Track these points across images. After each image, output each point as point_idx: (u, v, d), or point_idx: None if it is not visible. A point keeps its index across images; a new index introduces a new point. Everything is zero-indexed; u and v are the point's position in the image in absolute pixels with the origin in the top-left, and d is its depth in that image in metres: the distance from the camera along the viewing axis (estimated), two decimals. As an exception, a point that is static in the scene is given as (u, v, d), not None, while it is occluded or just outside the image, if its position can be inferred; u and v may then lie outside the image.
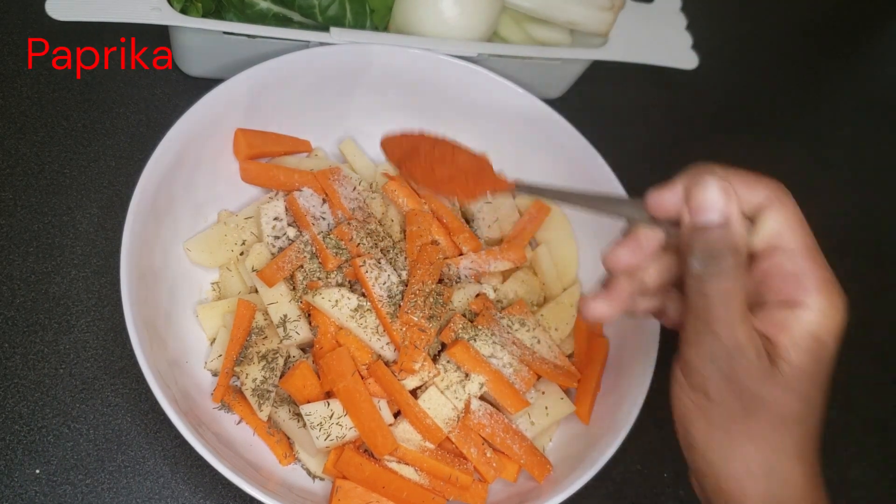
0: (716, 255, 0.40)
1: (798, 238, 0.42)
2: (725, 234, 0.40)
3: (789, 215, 0.42)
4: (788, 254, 0.41)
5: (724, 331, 0.40)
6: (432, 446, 0.64)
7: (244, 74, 0.69)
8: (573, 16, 0.83)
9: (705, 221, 0.41)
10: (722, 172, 0.42)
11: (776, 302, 0.42)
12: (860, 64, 1.19)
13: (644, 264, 0.46)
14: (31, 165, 0.74)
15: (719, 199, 0.40)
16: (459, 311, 0.69)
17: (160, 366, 0.59)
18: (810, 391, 0.41)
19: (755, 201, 0.42)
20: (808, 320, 0.40)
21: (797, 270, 0.41)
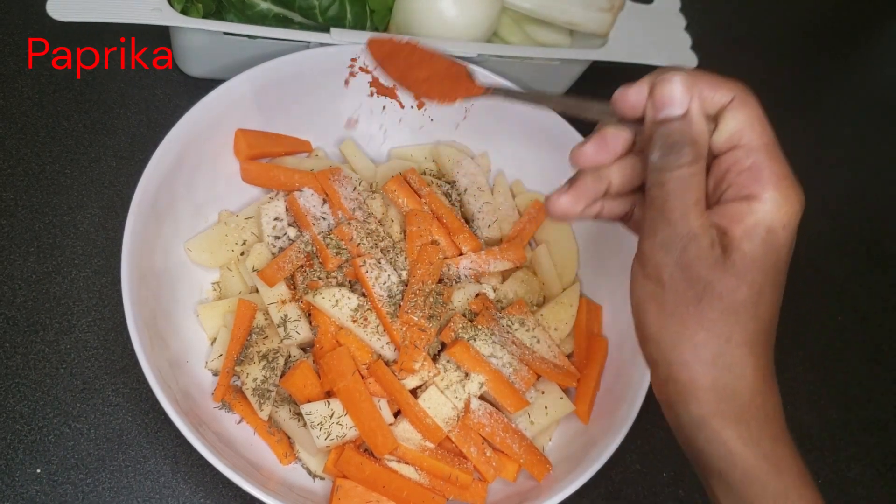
0: (675, 147, 0.42)
1: (757, 135, 0.43)
2: (685, 126, 0.42)
3: (750, 114, 0.43)
4: (747, 150, 0.43)
5: (678, 219, 0.42)
6: (432, 446, 0.64)
7: (245, 75, 0.70)
8: (573, 16, 0.83)
9: (666, 114, 0.42)
10: (687, 72, 0.43)
11: (733, 196, 0.43)
12: (860, 64, 1.19)
13: (609, 162, 0.46)
14: (32, 166, 0.74)
15: (681, 93, 0.42)
16: (459, 311, 0.69)
17: (161, 365, 0.59)
18: (761, 281, 0.42)
19: (719, 101, 0.43)
20: (761, 211, 0.41)
21: (754, 165, 0.42)
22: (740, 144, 0.43)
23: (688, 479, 0.75)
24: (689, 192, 0.42)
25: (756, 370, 0.43)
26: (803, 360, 0.85)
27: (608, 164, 0.46)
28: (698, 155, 0.42)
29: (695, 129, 0.42)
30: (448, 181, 0.78)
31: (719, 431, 0.43)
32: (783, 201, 0.42)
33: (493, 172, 0.82)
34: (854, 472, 0.80)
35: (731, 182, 0.43)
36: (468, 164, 0.78)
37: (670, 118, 0.42)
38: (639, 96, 0.44)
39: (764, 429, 0.43)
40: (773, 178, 0.42)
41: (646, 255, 0.43)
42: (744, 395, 0.43)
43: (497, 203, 0.78)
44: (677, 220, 0.42)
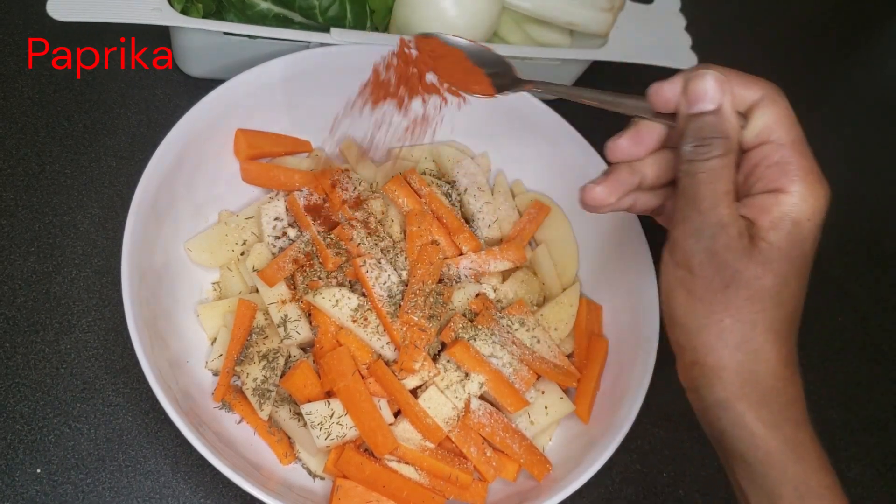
0: (706, 139, 0.44)
1: (786, 132, 0.45)
2: (716, 120, 0.44)
3: (780, 112, 0.45)
4: (776, 146, 0.44)
5: (708, 208, 0.43)
6: (432, 446, 0.64)
7: (245, 75, 0.70)
8: (573, 17, 0.83)
9: (699, 109, 0.44)
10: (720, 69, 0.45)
11: (761, 189, 0.45)
12: (860, 64, 1.19)
13: (643, 156, 0.48)
14: (32, 166, 0.74)
15: (714, 89, 0.44)
16: (459, 311, 0.69)
17: (161, 365, 0.59)
18: (787, 270, 0.43)
19: (750, 99, 0.45)
20: (788, 203, 0.44)
21: (782, 160, 0.44)
22: (769, 140, 0.44)
23: (688, 479, 0.75)
24: (719, 183, 0.43)
25: (779, 356, 0.44)
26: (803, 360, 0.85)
27: (642, 157, 0.48)
28: (729, 148, 0.44)
29: (726, 124, 0.44)
30: (448, 181, 0.78)
31: (742, 414, 0.44)
32: (809, 195, 0.44)
33: (493, 172, 0.82)
34: (854, 472, 0.80)
35: (760, 176, 0.45)
36: (468, 164, 0.78)
37: (703, 112, 0.44)
38: (673, 91, 0.46)
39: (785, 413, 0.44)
40: (801, 173, 0.44)
41: (676, 243, 0.45)
42: (767, 380, 0.44)
43: (497, 203, 0.78)
44: (707, 210, 0.43)
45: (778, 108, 0.45)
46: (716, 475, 0.75)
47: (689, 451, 0.76)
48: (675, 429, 0.77)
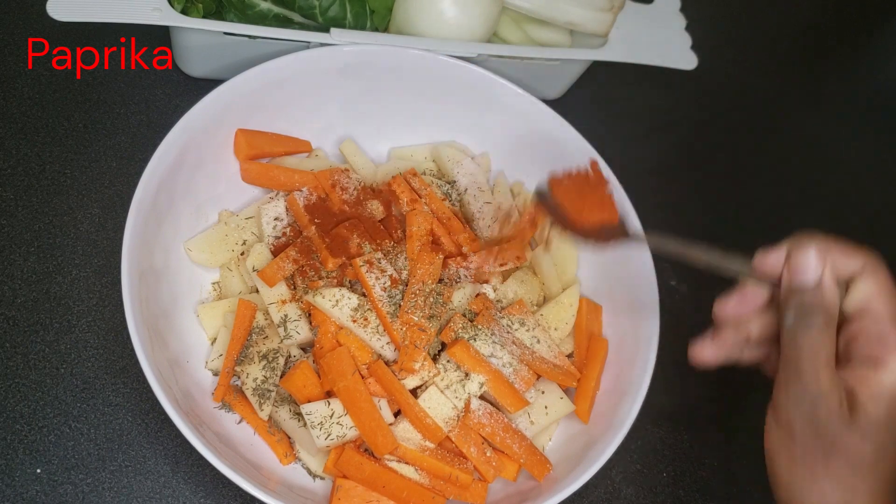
0: (807, 312, 0.47)
1: (886, 304, 0.47)
2: (817, 294, 0.47)
3: (880, 283, 0.47)
4: (875, 317, 0.47)
5: (809, 378, 0.46)
6: (432, 445, 0.64)
7: (245, 75, 0.70)
8: (573, 17, 0.83)
9: (801, 282, 0.47)
10: (822, 240, 0.48)
11: (861, 359, 0.47)
12: (860, 64, 1.19)
13: (749, 316, 0.52)
14: (32, 166, 0.74)
15: (815, 263, 0.47)
16: (459, 311, 0.69)
17: (161, 365, 0.59)
18: (886, 440, 0.45)
19: (851, 269, 0.48)
20: (886, 377, 0.45)
21: (881, 333, 0.46)
22: (869, 311, 0.47)
23: (688, 478, 0.75)
24: (820, 354, 0.46)
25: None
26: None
27: (747, 318, 0.52)
28: (829, 321, 0.47)
29: (826, 297, 0.47)
30: (448, 181, 0.78)
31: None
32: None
33: (493, 172, 0.82)
34: (854, 471, 0.80)
35: (861, 346, 0.47)
36: (468, 164, 0.78)
37: (805, 285, 0.47)
38: (777, 261, 0.49)
39: None
40: None
41: (779, 406, 0.48)
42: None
43: (497, 203, 0.78)
44: (808, 379, 0.46)
45: (878, 279, 0.47)
46: (716, 475, 0.75)
47: (689, 451, 0.76)
48: (675, 429, 0.77)
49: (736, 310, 0.52)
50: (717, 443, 0.77)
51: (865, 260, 0.48)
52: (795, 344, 0.47)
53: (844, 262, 0.48)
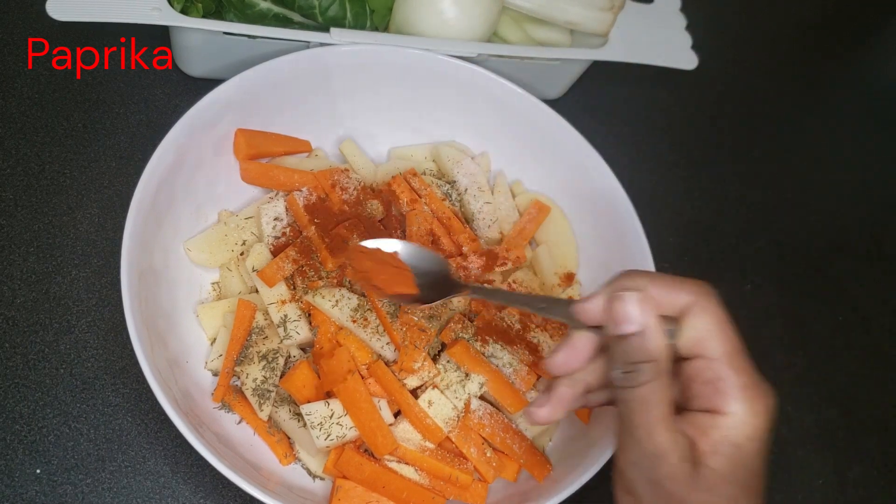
0: (634, 364, 0.42)
1: (718, 344, 0.42)
2: (642, 344, 0.42)
3: (710, 320, 0.43)
4: (708, 361, 0.42)
5: (644, 437, 0.42)
6: (432, 446, 0.64)
7: (244, 75, 0.69)
8: (573, 16, 0.83)
9: (623, 331, 0.43)
10: (642, 281, 0.43)
11: (699, 407, 0.43)
12: (860, 64, 1.19)
13: (583, 366, 0.47)
14: (32, 166, 0.74)
15: (636, 311, 0.42)
16: (459, 311, 0.69)
17: (160, 366, 0.59)
18: (734, 493, 0.41)
19: (680, 304, 0.43)
20: (726, 426, 0.41)
21: (715, 377, 0.42)
22: (702, 354, 0.43)
23: None
24: (653, 409, 0.42)
25: None
26: (803, 360, 0.85)
27: (581, 368, 0.47)
28: (658, 371, 0.42)
29: (652, 345, 0.42)
30: (448, 181, 0.78)
31: None
32: (748, 414, 0.41)
33: (493, 172, 0.82)
34: (854, 472, 0.80)
35: (697, 392, 0.43)
36: (468, 164, 0.78)
37: (627, 334, 0.42)
38: (595, 311, 0.45)
39: None
40: (736, 391, 0.42)
41: (620, 470, 0.44)
42: None
43: (497, 203, 0.78)
44: (643, 438, 0.42)
45: (708, 315, 0.42)
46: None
47: (689, 452, 0.76)
48: (676, 429, 0.77)
49: (567, 364, 0.48)
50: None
51: (694, 294, 0.43)
52: (625, 400, 0.43)
53: (671, 299, 0.43)
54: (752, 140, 1.03)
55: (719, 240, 0.92)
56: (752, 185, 0.98)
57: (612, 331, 0.44)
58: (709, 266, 0.90)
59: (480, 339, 0.67)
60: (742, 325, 0.73)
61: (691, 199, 0.94)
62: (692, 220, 0.92)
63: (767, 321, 0.87)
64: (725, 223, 0.94)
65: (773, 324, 0.87)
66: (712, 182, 0.97)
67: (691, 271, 0.87)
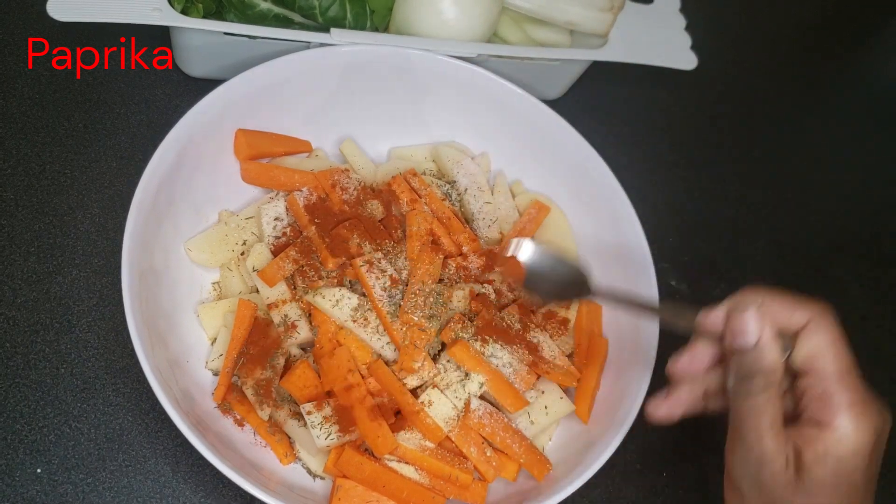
0: (748, 375, 0.46)
1: (832, 361, 0.45)
2: (757, 357, 0.46)
3: (826, 338, 0.46)
4: (821, 376, 0.45)
5: (753, 441, 0.46)
6: (432, 445, 0.64)
7: (245, 75, 0.70)
8: (573, 17, 0.83)
9: (740, 344, 0.46)
10: (763, 297, 0.47)
11: (807, 419, 0.46)
12: (860, 64, 1.19)
13: (702, 372, 0.51)
14: (32, 166, 0.74)
15: (754, 324, 0.46)
16: (459, 311, 0.69)
17: (161, 365, 0.59)
18: (834, 502, 0.44)
19: (797, 322, 0.47)
20: (831, 440, 0.44)
21: (825, 393, 0.45)
22: (814, 370, 0.46)
23: (688, 479, 0.75)
24: (762, 417, 0.45)
25: None
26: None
27: (700, 373, 0.51)
28: (769, 383, 0.45)
29: (766, 360, 0.45)
30: (448, 181, 0.78)
31: None
32: (853, 430, 0.44)
33: (493, 172, 0.82)
34: (854, 471, 0.80)
35: (807, 405, 0.46)
36: (468, 164, 0.78)
37: (744, 347, 0.46)
38: (717, 322, 0.48)
39: None
40: (844, 407, 0.44)
41: (729, 468, 0.48)
42: None
43: (497, 203, 0.78)
44: (752, 443, 0.46)
45: (823, 334, 0.46)
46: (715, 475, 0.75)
47: (689, 451, 0.76)
48: (675, 429, 0.76)
49: (688, 367, 0.51)
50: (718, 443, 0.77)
51: (812, 313, 0.46)
52: (738, 408, 0.47)
53: (788, 317, 0.47)
54: (752, 140, 1.03)
55: (719, 240, 0.92)
56: (752, 185, 0.98)
57: (731, 343, 0.47)
58: (709, 266, 0.90)
59: (480, 339, 0.67)
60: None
61: (691, 199, 0.94)
62: (692, 220, 0.92)
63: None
64: (725, 223, 0.94)
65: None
66: (712, 182, 0.97)
67: (691, 271, 0.87)
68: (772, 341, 0.46)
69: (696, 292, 0.86)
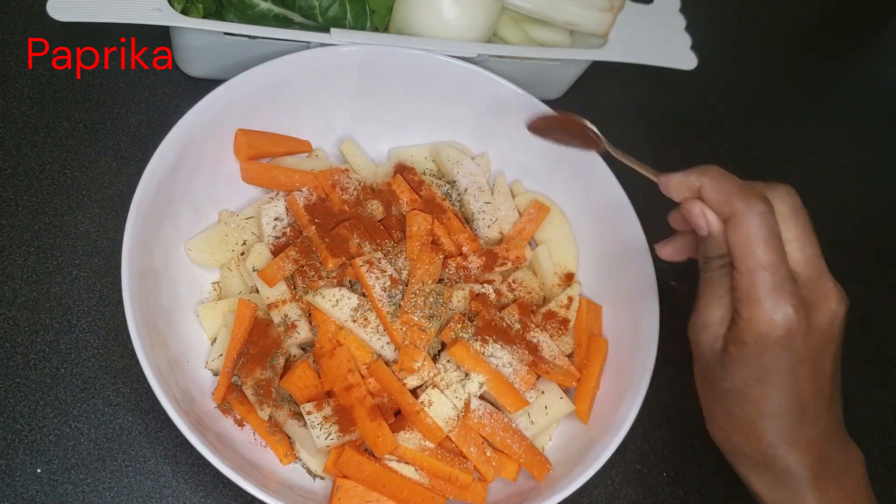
0: (706, 254, 0.52)
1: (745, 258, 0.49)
2: (709, 244, 0.52)
3: (742, 237, 0.49)
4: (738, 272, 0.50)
5: (701, 308, 0.53)
6: (432, 445, 0.64)
7: (245, 75, 0.70)
8: (572, 17, 0.83)
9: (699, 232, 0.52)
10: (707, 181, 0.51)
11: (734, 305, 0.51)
12: (860, 64, 1.19)
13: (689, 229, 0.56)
14: (32, 166, 0.74)
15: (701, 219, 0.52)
16: (459, 311, 0.69)
17: (161, 365, 0.59)
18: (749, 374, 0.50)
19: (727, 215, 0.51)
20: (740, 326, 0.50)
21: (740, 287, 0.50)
22: (735, 266, 0.50)
23: (688, 479, 0.75)
24: (710, 289, 0.52)
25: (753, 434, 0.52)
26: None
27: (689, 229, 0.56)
28: (720, 263, 0.51)
29: (714, 247, 0.51)
30: (448, 181, 0.78)
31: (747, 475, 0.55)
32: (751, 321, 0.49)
33: (493, 172, 0.82)
34: (854, 471, 0.80)
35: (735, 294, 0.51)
36: (468, 164, 0.78)
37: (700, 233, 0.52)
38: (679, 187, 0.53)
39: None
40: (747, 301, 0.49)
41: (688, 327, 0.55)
42: None
43: (497, 203, 0.78)
44: (700, 309, 0.53)
45: (741, 232, 0.49)
46: (716, 475, 0.75)
47: (689, 451, 0.76)
48: (675, 429, 0.77)
49: (679, 223, 0.58)
50: (717, 443, 0.77)
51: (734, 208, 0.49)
52: (701, 280, 0.53)
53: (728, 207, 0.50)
54: (752, 140, 1.03)
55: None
56: (751, 185, 0.98)
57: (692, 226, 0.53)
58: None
59: (480, 339, 0.67)
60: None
61: (691, 199, 0.94)
62: (692, 220, 0.92)
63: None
64: (725, 223, 0.94)
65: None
66: (712, 182, 0.97)
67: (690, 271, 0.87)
68: (719, 233, 0.51)
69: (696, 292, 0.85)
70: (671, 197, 0.54)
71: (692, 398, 0.79)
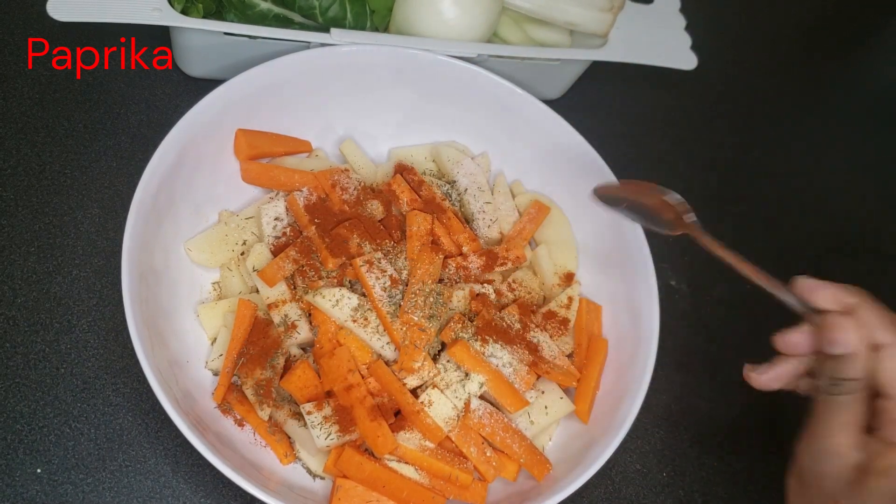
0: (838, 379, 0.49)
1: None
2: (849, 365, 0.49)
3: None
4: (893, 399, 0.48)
5: (826, 434, 0.49)
6: (432, 445, 0.64)
7: (245, 75, 0.70)
8: (573, 17, 0.83)
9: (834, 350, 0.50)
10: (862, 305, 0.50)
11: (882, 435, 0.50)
12: (860, 64, 1.19)
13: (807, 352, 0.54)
14: (32, 166, 0.74)
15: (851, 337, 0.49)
16: (459, 311, 0.69)
17: (161, 365, 0.59)
18: None
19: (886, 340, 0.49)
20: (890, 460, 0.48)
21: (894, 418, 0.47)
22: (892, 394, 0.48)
23: (688, 479, 0.75)
24: (840, 415, 0.49)
25: None
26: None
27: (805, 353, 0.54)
28: (854, 388, 0.49)
29: (856, 369, 0.49)
30: (448, 181, 0.78)
31: None
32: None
33: (493, 172, 0.82)
34: (854, 471, 0.80)
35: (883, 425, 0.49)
36: (468, 164, 0.78)
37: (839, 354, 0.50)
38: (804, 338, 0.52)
39: None
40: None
41: (797, 456, 0.52)
42: None
43: (497, 203, 0.78)
44: (825, 436, 0.49)
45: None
46: (716, 475, 0.75)
47: (689, 451, 0.76)
48: (675, 429, 0.77)
49: (796, 344, 0.54)
50: (717, 443, 0.77)
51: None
52: (824, 402, 0.50)
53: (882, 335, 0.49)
54: (752, 140, 1.03)
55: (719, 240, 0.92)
56: (751, 185, 0.98)
57: (826, 347, 0.50)
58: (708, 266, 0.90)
59: (480, 339, 0.67)
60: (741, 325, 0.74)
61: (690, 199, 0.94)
62: (692, 220, 0.92)
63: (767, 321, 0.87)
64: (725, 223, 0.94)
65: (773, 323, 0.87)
66: (712, 182, 0.97)
67: (690, 271, 0.87)
68: (865, 352, 0.49)
69: (696, 292, 0.86)
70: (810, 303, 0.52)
71: (692, 398, 0.79)
